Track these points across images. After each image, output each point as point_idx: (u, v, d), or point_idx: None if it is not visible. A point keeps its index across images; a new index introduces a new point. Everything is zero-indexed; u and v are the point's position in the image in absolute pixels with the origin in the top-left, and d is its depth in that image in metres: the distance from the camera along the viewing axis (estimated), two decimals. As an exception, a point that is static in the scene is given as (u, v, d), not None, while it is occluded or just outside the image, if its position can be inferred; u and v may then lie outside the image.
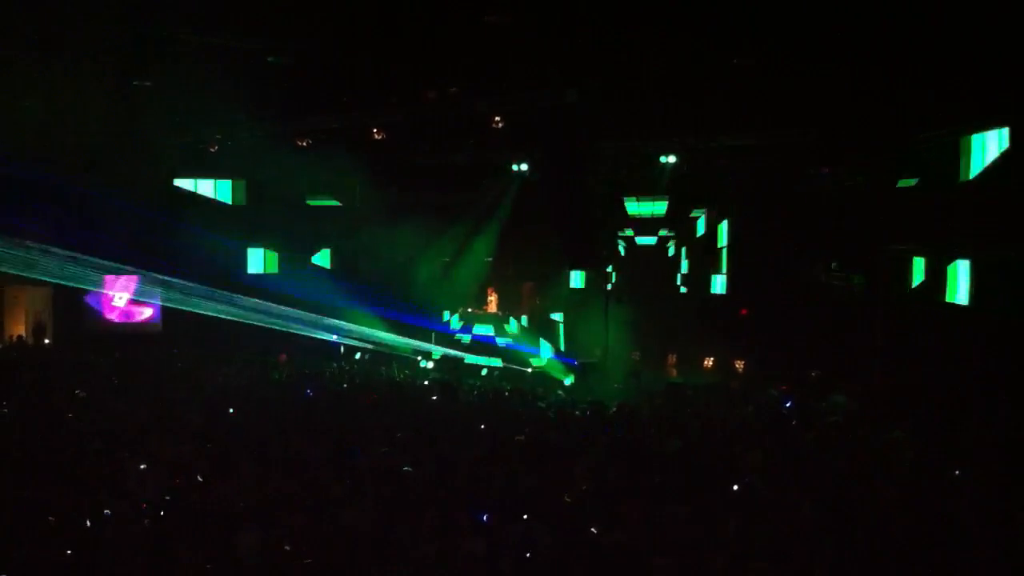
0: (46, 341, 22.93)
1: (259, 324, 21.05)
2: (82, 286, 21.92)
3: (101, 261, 20.88)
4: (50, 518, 7.80)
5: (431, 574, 6.72)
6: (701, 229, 21.14)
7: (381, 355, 22.12)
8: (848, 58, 13.41)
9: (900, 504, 8.01)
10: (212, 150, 21.74)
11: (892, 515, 7.67)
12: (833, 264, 17.85)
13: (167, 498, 8.54)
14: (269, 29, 14.92)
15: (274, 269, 23.17)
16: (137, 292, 23.59)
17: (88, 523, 7.73)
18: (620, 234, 21.86)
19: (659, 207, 20.47)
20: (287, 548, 7.12)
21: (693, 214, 21.10)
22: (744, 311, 20.00)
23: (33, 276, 20.25)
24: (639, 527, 7.26)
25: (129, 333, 23.28)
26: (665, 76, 15.03)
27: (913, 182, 15.60)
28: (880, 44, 12.85)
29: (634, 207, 20.78)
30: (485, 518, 7.48)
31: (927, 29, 12.27)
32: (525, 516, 7.50)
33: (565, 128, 17.02)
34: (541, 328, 22.43)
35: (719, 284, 20.65)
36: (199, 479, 9.16)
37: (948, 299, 14.30)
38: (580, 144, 17.57)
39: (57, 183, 19.05)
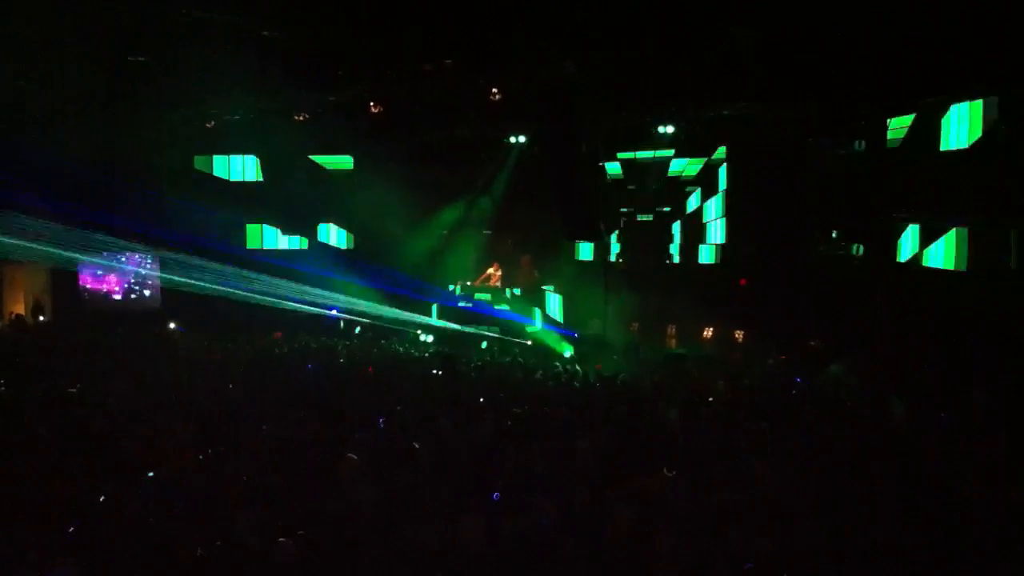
0: (41, 319, 22.95)
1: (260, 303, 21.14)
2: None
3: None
4: (52, 498, 7.84)
5: (433, 553, 6.74)
6: (695, 203, 21.04)
7: (380, 330, 22.14)
8: (845, 24, 13.29)
9: (900, 474, 8.03)
10: (208, 126, 21.64)
11: (892, 485, 7.71)
12: (834, 233, 17.79)
13: (168, 478, 8.56)
14: (267, 2, 14.81)
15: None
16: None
17: (89, 503, 7.76)
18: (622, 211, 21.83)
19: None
20: (285, 528, 7.13)
21: (687, 189, 21.04)
22: (743, 281, 19.98)
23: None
24: (642, 504, 7.28)
25: (128, 311, 23.28)
26: (663, 47, 14.91)
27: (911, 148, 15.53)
28: (877, 10, 12.73)
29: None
30: (495, 496, 7.49)
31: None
32: (529, 493, 7.52)
33: (564, 100, 16.88)
34: (539, 300, 22.47)
35: (704, 254, 20.77)
36: (199, 458, 9.18)
37: (947, 267, 14.32)
38: (579, 115, 17.42)
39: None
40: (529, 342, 20.94)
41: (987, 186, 13.15)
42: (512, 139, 20.72)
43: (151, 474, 8.68)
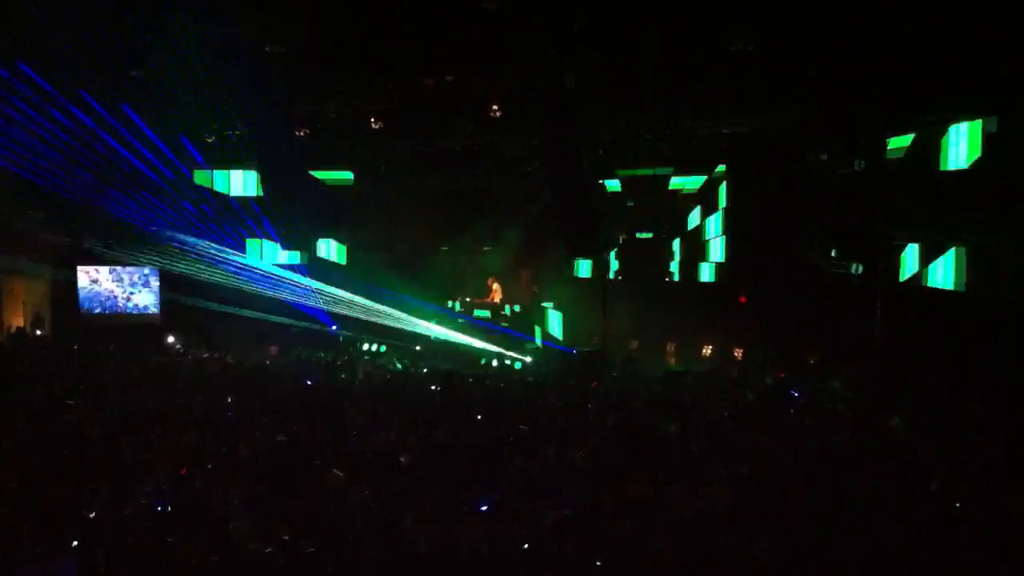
0: (39, 332, 22.94)
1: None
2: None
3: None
4: (50, 504, 7.84)
5: (431, 559, 6.73)
6: (693, 222, 21.07)
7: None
8: (845, 41, 13.38)
9: (896, 487, 8.03)
10: (209, 140, 21.67)
11: (889, 494, 7.71)
12: (833, 252, 17.81)
13: (167, 487, 8.55)
14: (265, 16, 14.89)
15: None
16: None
17: (89, 513, 7.75)
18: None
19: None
20: (284, 537, 7.12)
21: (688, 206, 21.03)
22: (743, 299, 19.99)
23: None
24: (640, 510, 7.28)
25: (127, 324, 23.26)
26: (662, 60, 14.99)
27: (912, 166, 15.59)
28: (876, 28, 12.83)
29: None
30: (485, 507, 7.46)
31: (922, 14, 12.26)
32: (526, 500, 7.52)
33: (562, 114, 16.95)
34: (538, 316, 22.46)
35: (705, 272, 20.77)
36: (198, 468, 9.18)
37: (945, 286, 14.36)
38: (577, 130, 17.48)
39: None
40: (528, 358, 20.92)
41: (986, 206, 13.21)
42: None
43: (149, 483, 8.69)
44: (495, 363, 20.44)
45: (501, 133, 19.45)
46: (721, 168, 19.90)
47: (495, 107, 17.61)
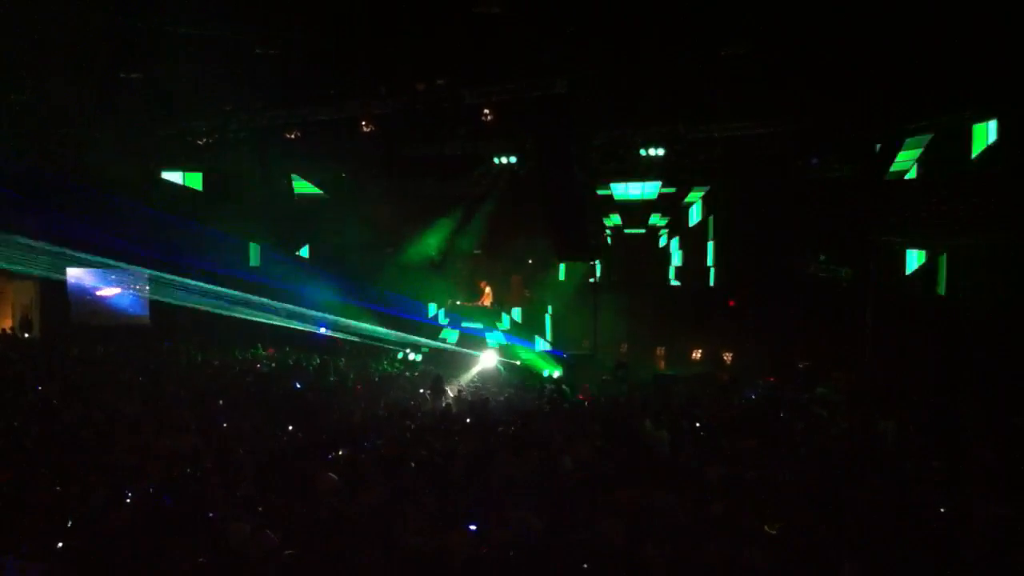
0: (26, 335, 22.81)
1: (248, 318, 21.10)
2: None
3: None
4: (43, 509, 7.80)
5: (423, 564, 6.72)
6: (693, 219, 21.14)
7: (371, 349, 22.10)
8: (837, 48, 13.45)
9: (888, 492, 8.07)
10: (200, 143, 21.59)
11: (879, 502, 7.74)
12: (822, 256, 17.92)
13: (158, 489, 8.52)
14: (258, 19, 14.87)
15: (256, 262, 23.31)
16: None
17: (80, 515, 7.72)
18: (608, 225, 21.91)
19: (650, 190, 20.64)
20: (278, 537, 7.10)
21: (688, 199, 21.04)
22: (732, 303, 20.07)
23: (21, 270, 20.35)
24: (631, 516, 7.28)
25: (117, 326, 23.15)
26: (655, 66, 15.03)
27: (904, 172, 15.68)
28: (870, 34, 12.90)
29: (623, 192, 20.96)
30: (475, 527, 7.43)
31: (917, 20, 12.34)
32: (516, 506, 7.51)
33: (555, 119, 16.97)
34: (531, 321, 22.47)
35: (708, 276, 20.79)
36: (191, 471, 9.15)
37: (939, 291, 14.46)
38: (570, 135, 17.51)
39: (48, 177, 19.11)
40: (518, 361, 20.92)
41: (976, 211, 13.31)
42: (500, 159, 20.75)
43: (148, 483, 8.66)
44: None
45: (493, 138, 19.46)
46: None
47: (487, 111, 17.61)
